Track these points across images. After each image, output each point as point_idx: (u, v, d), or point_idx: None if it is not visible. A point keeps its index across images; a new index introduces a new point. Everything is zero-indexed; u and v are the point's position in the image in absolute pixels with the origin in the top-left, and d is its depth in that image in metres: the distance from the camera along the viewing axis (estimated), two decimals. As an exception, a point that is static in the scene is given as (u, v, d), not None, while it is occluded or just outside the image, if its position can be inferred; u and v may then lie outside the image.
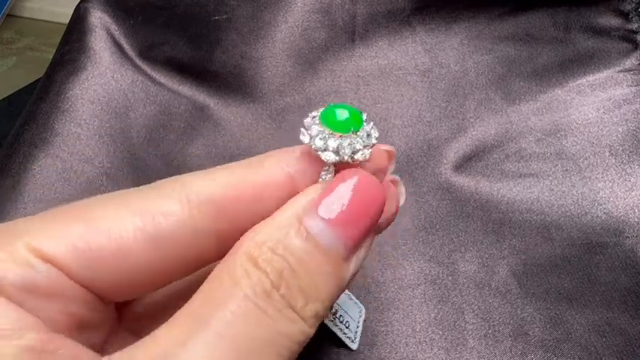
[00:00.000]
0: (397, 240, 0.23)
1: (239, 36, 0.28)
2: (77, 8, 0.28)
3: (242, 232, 0.12)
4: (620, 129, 0.25)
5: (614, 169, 0.24)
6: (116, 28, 0.28)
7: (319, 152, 0.12)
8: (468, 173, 0.25)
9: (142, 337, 0.12)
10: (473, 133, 0.26)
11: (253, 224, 0.12)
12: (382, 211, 0.13)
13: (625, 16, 0.27)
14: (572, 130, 0.26)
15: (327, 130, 0.12)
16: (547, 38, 0.27)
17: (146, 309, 0.14)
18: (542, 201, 0.24)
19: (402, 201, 0.16)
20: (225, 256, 0.12)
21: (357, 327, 0.20)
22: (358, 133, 0.13)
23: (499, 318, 0.21)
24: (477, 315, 0.21)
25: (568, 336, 0.20)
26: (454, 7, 0.28)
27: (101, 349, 0.13)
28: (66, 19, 0.29)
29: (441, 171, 0.25)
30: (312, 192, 0.12)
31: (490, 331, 0.20)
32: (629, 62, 0.26)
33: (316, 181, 0.13)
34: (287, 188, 0.13)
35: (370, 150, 0.13)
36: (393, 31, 0.28)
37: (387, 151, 0.14)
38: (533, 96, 0.27)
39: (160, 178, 0.26)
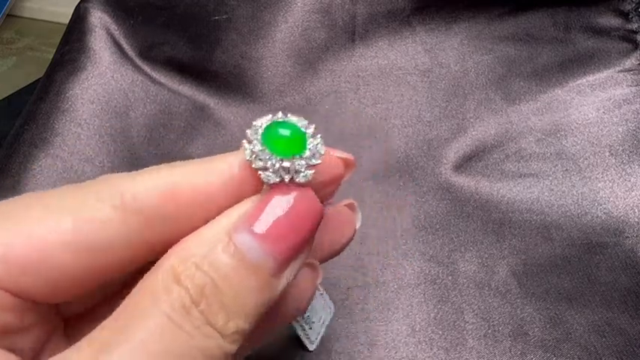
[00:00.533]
0: (397, 240, 0.23)
1: (239, 36, 0.28)
2: (77, 8, 0.28)
3: (186, 234, 0.12)
4: (620, 129, 0.25)
5: (614, 169, 0.24)
6: (116, 28, 0.28)
7: (259, 171, 0.12)
8: (468, 173, 0.25)
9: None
10: (473, 133, 0.26)
11: (197, 227, 0.12)
12: (317, 227, 0.12)
13: (625, 16, 0.27)
14: (572, 130, 0.26)
15: (268, 151, 0.12)
16: (547, 38, 0.27)
17: (87, 315, 0.14)
18: (542, 201, 0.24)
19: (357, 225, 0.15)
20: (151, 269, 0.11)
21: (321, 328, 0.19)
22: (302, 155, 0.12)
23: (499, 318, 0.21)
24: (476, 315, 0.21)
25: (568, 336, 0.20)
26: (454, 7, 0.28)
27: (39, 352, 0.12)
28: (66, 19, 0.29)
29: (441, 171, 0.25)
30: (244, 205, 0.12)
31: (490, 331, 0.20)
32: (629, 62, 0.26)
33: (259, 191, 0.12)
34: (235, 195, 0.12)
35: (313, 171, 0.12)
36: (393, 31, 0.28)
37: (344, 159, 0.13)
38: (533, 96, 0.27)
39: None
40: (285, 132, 0.12)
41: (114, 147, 0.24)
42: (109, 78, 0.26)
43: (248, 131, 0.12)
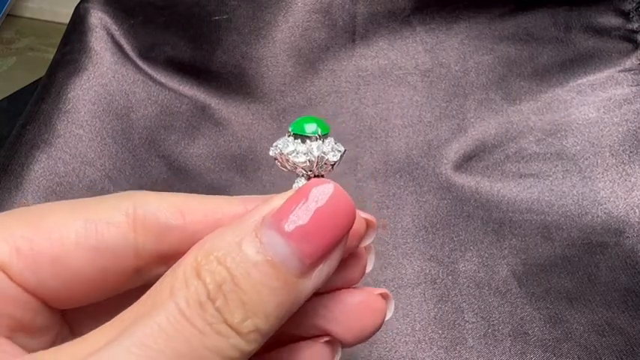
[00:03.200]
0: (397, 239, 0.23)
1: (239, 36, 0.28)
2: (77, 8, 0.28)
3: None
4: (620, 129, 0.25)
5: (615, 169, 0.24)
6: (116, 28, 0.28)
7: (289, 156, 0.13)
8: (469, 173, 0.25)
9: None
10: (473, 133, 0.26)
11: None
12: (350, 228, 0.12)
13: (625, 15, 0.27)
14: (573, 130, 0.26)
15: (297, 138, 0.13)
16: (547, 38, 0.27)
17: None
18: (543, 201, 0.24)
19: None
20: (178, 261, 0.11)
21: None
22: (326, 139, 0.13)
23: (499, 317, 0.21)
24: (476, 314, 0.21)
25: (567, 335, 0.20)
26: (454, 6, 0.28)
27: None
28: (66, 19, 0.29)
29: (442, 171, 0.25)
30: (274, 201, 0.11)
31: (490, 331, 0.20)
32: (630, 62, 0.26)
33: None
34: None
35: (341, 153, 0.13)
36: (393, 30, 0.28)
37: (366, 219, 0.13)
38: (534, 96, 0.27)
39: (162, 179, 0.26)
40: (309, 120, 0.13)
41: (115, 149, 0.24)
42: (109, 78, 0.26)
43: (271, 147, 0.13)
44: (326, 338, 0.14)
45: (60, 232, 0.12)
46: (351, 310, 0.13)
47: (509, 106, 0.27)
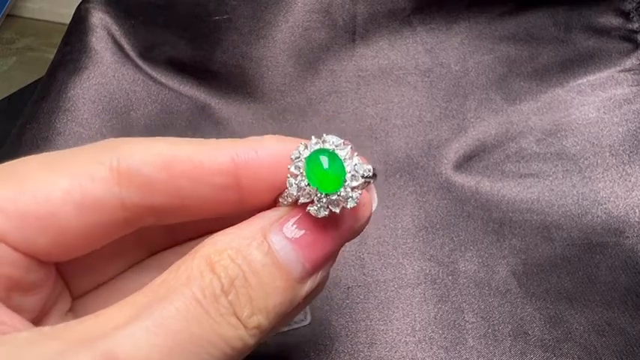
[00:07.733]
0: (397, 239, 0.23)
1: (239, 36, 0.28)
2: (78, 9, 0.28)
3: (178, 206, 0.12)
4: (620, 129, 0.25)
5: (615, 169, 0.24)
6: (117, 28, 0.28)
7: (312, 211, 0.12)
8: (469, 173, 0.25)
9: None
10: (473, 133, 0.26)
11: (189, 203, 0.12)
12: (344, 242, 0.13)
13: (626, 15, 0.27)
14: (573, 130, 0.26)
15: (314, 189, 0.12)
16: (548, 38, 0.27)
17: (97, 297, 0.14)
18: (543, 201, 0.24)
19: (374, 206, 0.15)
20: (187, 255, 0.12)
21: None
22: (344, 186, 0.12)
23: (499, 317, 0.21)
24: (476, 314, 0.21)
25: (568, 335, 0.20)
26: (455, 6, 0.28)
27: (40, 317, 0.13)
28: (66, 19, 0.29)
29: (442, 171, 0.25)
30: (282, 210, 0.13)
31: (490, 331, 0.20)
32: (630, 62, 0.26)
33: (262, 180, 0.12)
34: (230, 175, 0.12)
35: (358, 194, 0.12)
36: (393, 30, 0.28)
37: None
38: (534, 96, 0.27)
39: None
40: (324, 160, 0.12)
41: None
42: (110, 78, 0.26)
43: (294, 159, 0.12)
44: None
45: (45, 191, 0.12)
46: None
47: (509, 106, 0.27)
